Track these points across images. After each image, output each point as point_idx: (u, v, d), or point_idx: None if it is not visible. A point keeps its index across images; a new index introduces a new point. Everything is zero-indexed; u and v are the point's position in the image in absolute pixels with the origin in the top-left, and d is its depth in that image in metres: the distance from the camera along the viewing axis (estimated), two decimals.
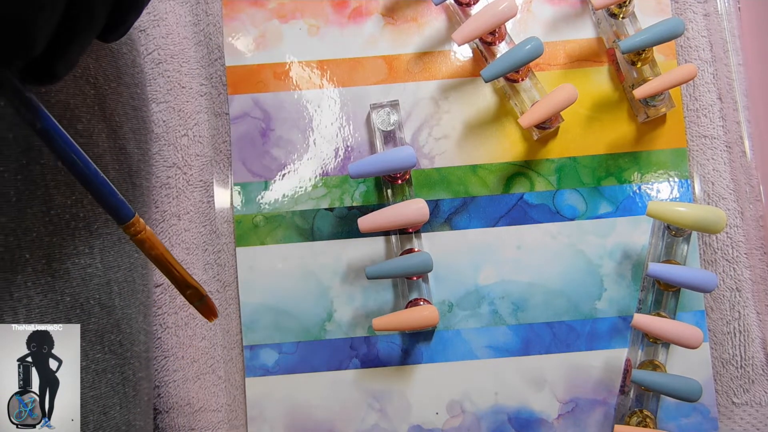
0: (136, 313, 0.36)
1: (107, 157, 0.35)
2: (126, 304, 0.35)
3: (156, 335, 0.41)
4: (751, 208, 0.43)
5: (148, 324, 0.38)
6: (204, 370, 0.42)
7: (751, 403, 0.42)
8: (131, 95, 0.38)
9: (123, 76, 0.37)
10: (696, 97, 0.44)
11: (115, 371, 0.33)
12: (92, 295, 0.32)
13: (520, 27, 0.44)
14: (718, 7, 0.44)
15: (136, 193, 0.38)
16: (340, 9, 0.44)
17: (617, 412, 0.42)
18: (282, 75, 0.44)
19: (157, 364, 0.41)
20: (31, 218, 0.30)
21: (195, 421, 0.41)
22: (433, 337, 0.42)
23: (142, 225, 0.27)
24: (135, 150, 0.38)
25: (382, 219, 0.39)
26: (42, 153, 0.31)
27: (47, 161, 0.31)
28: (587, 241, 0.43)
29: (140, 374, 0.36)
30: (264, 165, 0.43)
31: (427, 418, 0.42)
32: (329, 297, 0.42)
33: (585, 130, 0.44)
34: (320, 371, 0.42)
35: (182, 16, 0.43)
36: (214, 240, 0.43)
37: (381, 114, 0.42)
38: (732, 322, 0.42)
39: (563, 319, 0.42)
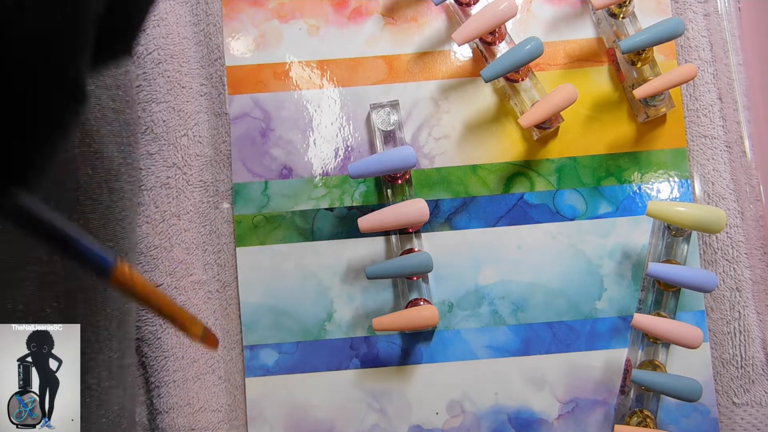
0: (105, 320, 0.35)
1: (78, 162, 0.34)
2: (90, 312, 0.34)
3: (156, 335, 0.41)
4: (751, 208, 0.43)
5: (125, 331, 0.37)
6: (204, 370, 0.42)
7: (751, 403, 0.42)
8: (111, 97, 0.37)
9: (103, 78, 0.36)
10: (696, 97, 0.44)
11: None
12: (49, 303, 0.30)
13: (520, 27, 0.44)
14: (718, 7, 0.44)
15: (114, 197, 0.37)
16: (340, 9, 0.44)
17: (617, 412, 0.42)
18: (282, 75, 0.44)
19: (156, 364, 0.41)
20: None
21: (195, 421, 0.41)
22: (433, 337, 0.42)
23: (126, 276, 0.24)
24: (115, 153, 0.37)
25: (382, 219, 0.39)
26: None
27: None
28: (587, 241, 0.43)
29: (107, 383, 0.35)
30: (264, 165, 0.43)
31: (427, 418, 0.42)
32: (329, 297, 0.42)
33: (585, 130, 0.44)
34: (320, 371, 0.42)
35: (182, 16, 0.43)
36: (214, 240, 0.43)
37: (381, 114, 0.42)
38: (732, 322, 0.42)
39: (563, 319, 0.42)
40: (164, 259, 0.41)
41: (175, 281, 0.42)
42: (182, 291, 0.42)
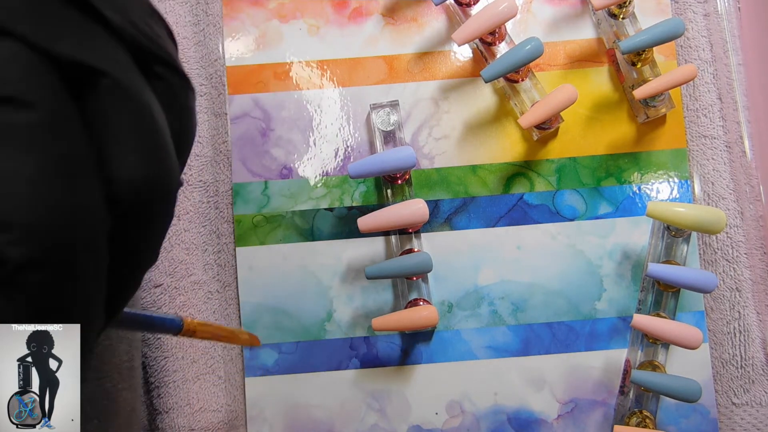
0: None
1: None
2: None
3: (155, 336, 0.41)
4: (751, 208, 0.43)
5: (133, 332, 0.37)
6: (204, 370, 0.42)
7: (751, 404, 0.42)
8: None
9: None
10: (696, 97, 0.44)
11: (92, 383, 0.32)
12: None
13: (520, 27, 0.44)
14: (718, 7, 0.44)
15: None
16: (340, 9, 0.44)
17: (617, 413, 0.42)
18: (282, 75, 0.44)
19: (156, 365, 0.41)
20: None
21: (195, 421, 0.41)
22: (433, 337, 0.42)
23: (193, 325, 0.29)
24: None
25: (382, 219, 0.39)
26: None
27: None
28: (587, 241, 0.43)
29: (121, 385, 0.35)
30: (264, 165, 0.43)
31: (426, 418, 0.42)
32: (329, 297, 0.42)
33: (585, 131, 0.44)
34: (320, 371, 0.42)
35: (182, 16, 0.43)
36: (214, 240, 0.43)
37: (381, 114, 0.42)
38: (732, 322, 0.42)
39: (563, 320, 0.42)
40: (164, 259, 0.42)
41: (175, 281, 0.42)
42: (182, 291, 0.42)
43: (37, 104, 0.17)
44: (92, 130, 0.18)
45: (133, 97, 0.19)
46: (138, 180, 0.19)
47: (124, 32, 0.19)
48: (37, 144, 0.17)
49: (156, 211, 0.20)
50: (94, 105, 0.18)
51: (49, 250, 0.17)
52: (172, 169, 0.20)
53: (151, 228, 0.20)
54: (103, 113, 0.19)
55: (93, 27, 0.19)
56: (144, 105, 0.19)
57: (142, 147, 0.19)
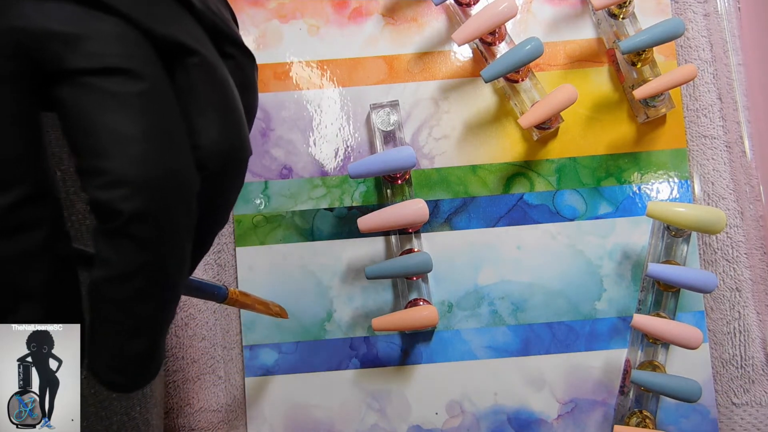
0: None
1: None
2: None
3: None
4: (751, 208, 0.43)
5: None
6: (204, 370, 0.42)
7: (751, 404, 0.42)
8: None
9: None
10: (696, 97, 0.44)
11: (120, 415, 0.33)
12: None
13: (520, 27, 0.44)
14: (718, 7, 0.44)
15: None
16: (340, 9, 0.44)
17: (617, 413, 0.42)
18: (282, 75, 0.44)
19: None
20: None
21: (195, 421, 0.41)
22: (433, 337, 0.42)
23: (236, 294, 0.32)
24: None
25: (382, 219, 0.39)
26: (62, 160, 0.31)
27: (67, 167, 0.31)
28: (587, 241, 0.43)
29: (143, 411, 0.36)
30: (264, 165, 0.43)
31: (426, 418, 0.42)
32: (329, 297, 0.42)
33: (585, 131, 0.44)
34: (320, 371, 0.42)
35: None
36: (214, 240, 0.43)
37: (381, 114, 0.42)
38: (732, 322, 0.42)
39: (563, 320, 0.42)
40: None
41: None
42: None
43: (145, 76, 0.19)
44: (180, 102, 0.20)
45: (218, 74, 0.21)
46: (222, 148, 0.21)
47: (204, 15, 0.22)
48: (146, 110, 0.19)
49: (233, 177, 0.22)
50: (182, 80, 0.21)
51: (156, 204, 0.18)
52: (247, 140, 0.22)
53: (227, 192, 0.22)
54: (191, 88, 0.21)
55: (181, 10, 0.21)
56: (226, 81, 0.22)
57: (225, 119, 0.21)
